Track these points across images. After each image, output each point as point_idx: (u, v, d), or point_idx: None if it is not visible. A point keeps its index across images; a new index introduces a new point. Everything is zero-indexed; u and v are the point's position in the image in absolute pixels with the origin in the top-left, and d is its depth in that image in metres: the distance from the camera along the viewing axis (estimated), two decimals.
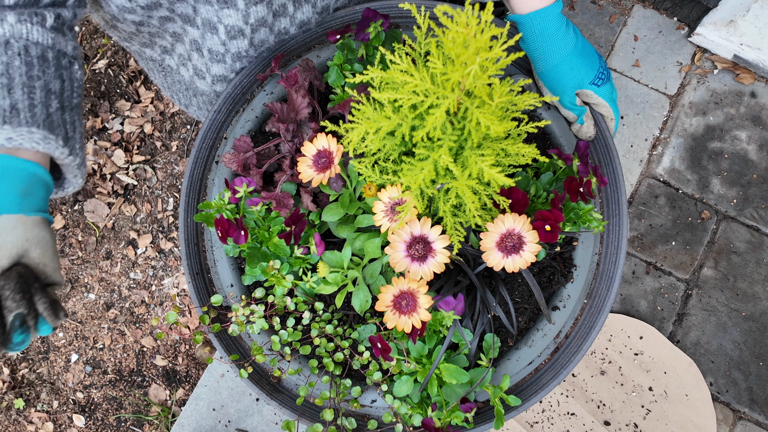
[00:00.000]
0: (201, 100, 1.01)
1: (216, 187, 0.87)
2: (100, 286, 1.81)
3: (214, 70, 0.88)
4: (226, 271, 0.84)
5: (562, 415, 1.46)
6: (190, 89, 0.99)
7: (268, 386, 0.81)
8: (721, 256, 1.57)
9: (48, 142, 0.61)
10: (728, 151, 1.63)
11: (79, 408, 1.72)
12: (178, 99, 1.07)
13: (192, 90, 0.98)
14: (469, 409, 0.71)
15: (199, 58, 0.87)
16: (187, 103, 1.06)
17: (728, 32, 1.62)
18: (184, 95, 1.03)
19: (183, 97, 1.05)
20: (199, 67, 0.89)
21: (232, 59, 0.86)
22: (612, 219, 0.82)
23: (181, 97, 1.05)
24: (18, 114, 0.60)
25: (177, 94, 1.05)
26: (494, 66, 0.54)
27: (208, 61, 0.86)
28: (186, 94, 1.02)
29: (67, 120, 0.66)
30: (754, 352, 1.51)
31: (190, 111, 1.09)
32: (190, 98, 1.02)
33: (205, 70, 0.89)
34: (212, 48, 0.83)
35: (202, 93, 0.97)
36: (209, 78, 0.91)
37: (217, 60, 0.86)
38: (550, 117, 0.86)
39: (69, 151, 0.65)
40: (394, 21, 0.89)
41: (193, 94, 1.00)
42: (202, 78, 0.92)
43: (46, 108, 0.63)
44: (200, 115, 1.09)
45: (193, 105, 1.05)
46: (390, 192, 0.69)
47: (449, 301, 0.74)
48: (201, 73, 0.91)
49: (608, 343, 1.50)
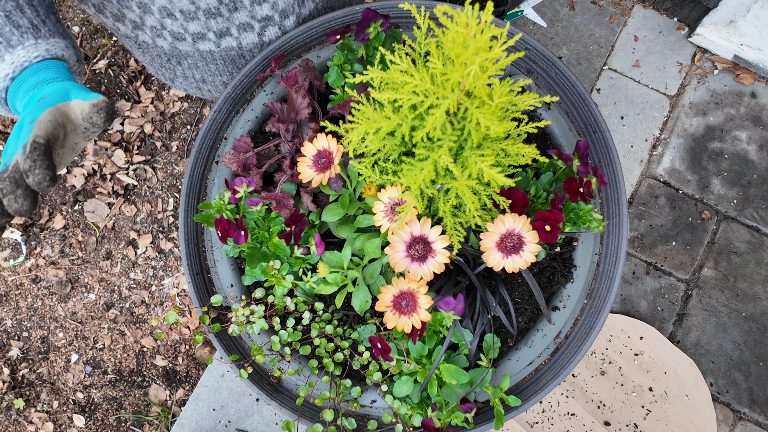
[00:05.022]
0: (186, 65, 0.99)
1: (216, 187, 0.87)
2: (100, 286, 1.81)
3: (192, 28, 0.87)
4: (226, 271, 0.84)
5: (562, 415, 1.45)
6: (173, 57, 0.97)
7: (268, 386, 0.81)
8: (722, 256, 1.57)
9: (68, 49, 0.72)
10: (728, 152, 1.63)
11: (79, 408, 1.72)
12: (162, 74, 1.06)
13: (175, 57, 0.97)
14: (469, 409, 0.71)
15: (173, 22, 0.86)
16: (172, 77, 1.05)
17: (728, 32, 1.62)
18: (167, 68, 1.02)
19: (167, 71, 1.03)
20: (176, 30, 0.88)
21: (204, 16, 0.84)
22: (612, 219, 0.82)
23: (165, 72, 1.04)
24: (37, 29, 0.69)
25: (159, 69, 1.04)
26: (494, 66, 0.54)
27: (183, 22, 0.85)
28: (169, 66, 1.01)
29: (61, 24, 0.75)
30: (755, 352, 1.51)
31: (176, 84, 1.08)
32: (174, 68, 1.01)
33: (183, 31, 0.88)
34: (183, 8, 0.83)
35: (186, 55, 0.96)
36: (189, 38, 0.90)
37: (191, 18, 0.85)
38: (550, 117, 0.86)
39: (76, 53, 0.75)
40: (394, 21, 0.89)
41: (177, 62, 0.98)
42: (182, 40, 0.91)
43: (52, 20, 0.72)
44: (186, 87, 1.08)
45: (178, 77, 1.04)
46: (390, 192, 0.69)
47: (449, 302, 0.74)
48: (179, 35, 0.89)
49: (608, 343, 1.50)
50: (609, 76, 1.70)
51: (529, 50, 0.86)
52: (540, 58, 0.86)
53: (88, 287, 1.81)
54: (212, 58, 0.95)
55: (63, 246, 1.83)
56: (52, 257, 1.83)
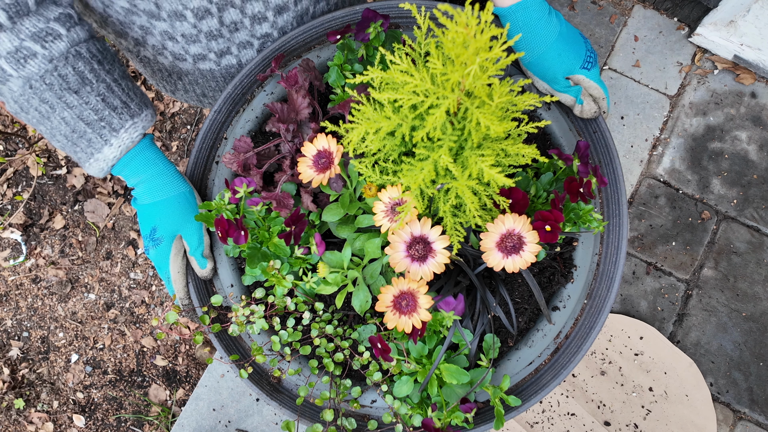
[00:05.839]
0: (186, 81, 1.00)
1: (216, 187, 0.87)
2: (100, 286, 1.81)
3: (193, 50, 0.88)
4: (226, 271, 0.84)
5: (563, 415, 1.45)
6: (174, 73, 0.98)
7: (268, 386, 0.81)
8: (722, 256, 1.57)
9: (152, 117, 0.78)
10: (728, 152, 1.63)
11: (79, 408, 1.72)
12: (163, 87, 1.07)
13: (176, 73, 0.98)
14: (469, 409, 0.71)
15: (174, 45, 0.87)
16: (173, 89, 1.06)
17: (728, 32, 1.62)
18: (168, 82, 1.03)
19: (168, 84, 1.05)
20: (177, 51, 0.89)
21: (206, 38, 0.85)
22: (612, 219, 0.82)
23: (166, 84, 1.05)
24: (128, 106, 0.75)
25: (160, 82, 1.05)
26: (494, 66, 0.54)
27: (185, 44, 0.87)
28: (170, 80, 1.02)
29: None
30: (755, 352, 1.51)
31: (177, 96, 1.09)
32: (175, 82, 1.02)
33: (184, 53, 0.89)
34: (185, 33, 0.83)
35: (187, 73, 0.97)
36: (190, 58, 0.91)
37: (193, 41, 0.86)
38: (550, 117, 0.86)
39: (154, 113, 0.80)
40: (394, 21, 0.89)
41: (177, 77, 1.00)
42: (183, 60, 0.92)
43: (135, 90, 0.77)
44: (187, 99, 1.09)
45: (179, 90, 1.05)
46: (390, 192, 0.69)
47: (449, 302, 0.74)
48: (180, 56, 0.91)
49: (608, 343, 1.50)
50: (609, 76, 1.70)
51: None
52: None
53: (88, 287, 1.81)
54: (212, 75, 0.96)
55: (63, 246, 1.83)
56: (52, 257, 1.83)
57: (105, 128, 0.73)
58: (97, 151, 0.74)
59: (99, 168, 0.76)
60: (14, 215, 1.83)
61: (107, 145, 0.74)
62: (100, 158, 0.75)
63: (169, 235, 0.79)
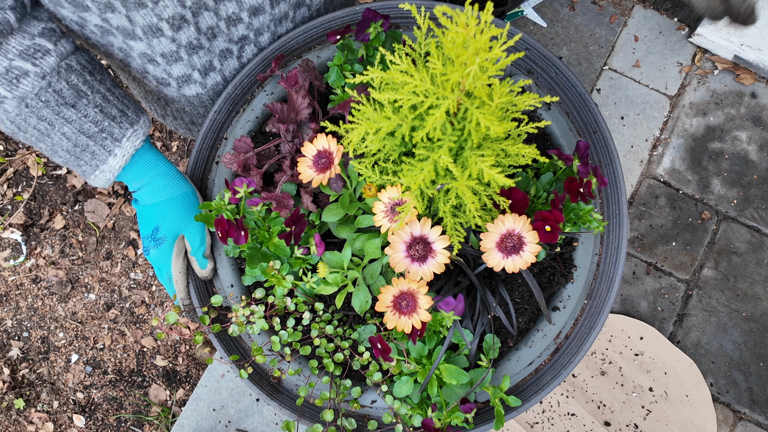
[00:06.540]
0: (174, 108, 0.97)
1: (216, 187, 0.87)
2: (100, 287, 1.81)
3: (176, 71, 0.84)
4: (226, 272, 0.84)
5: (563, 415, 1.45)
6: (161, 98, 0.95)
7: (268, 387, 0.81)
8: (722, 256, 1.57)
9: (149, 123, 0.78)
10: (728, 152, 1.63)
11: (79, 408, 1.72)
12: (154, 110, 1.04)
13: (163, 99, 0.95)
14: (469, 409, 0.71)
15: (156, 68, 0.83)
16: (163, 114, 1.03)
17: (728, 33, 1.62)
18: (159, 106, 1.00)
19: (159, 108, 1.02)
20: (160, 76, 0.85)
21: (186, 53, 0.81)
22: (612, 219, 0.82)
23: (157, 108, 1.02)
24: (126, 114, 0.75)
25: (152, 105, 1.02)
26: (494, 66, 0.54)
27: (166, 66, 0.83)
28: (159, 104, 0.99)
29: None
30: (755, 352, 1.51)
31: (167, 122, 1.06)
32: (164, 107, 0.99)
33: (167, 76, 0.85)
34: (164, 51, 0.79)
35: (172, 100, 0.93)
36: (174, 83, 0.87)
37: (174, 60, 0.81)
38: (550, 117, 0.86)
39: (150, 120, 0.80)
40: (394, 21, 0.89)
41: (165, 103, 0.97)
42: (166, 85, 0.88)
43: (128, 98, 0.77)
44: (177, 127, 1.05)
45: (168, 115, 1.02)
46: (390, 192, 0.69)
47: (449, 302, 0.74)
48: (164, 80, 0.86)
49: (608, 343, 1.50)
50: (609, 76, 1.70)
51: (529, 50, 0.86)
52: (540, 59, 0.86)
53: (89, 287, 1.81)
54: (200, 101, 0.93)
55: (63, 246, 1.83)
56: (52, 257, 1.83)
57: (107, 139, 0.73)
58: (102, 163, 0.74)
59: (105, 179, 0.76)
60: (14, 215, 1.83)
61: (111, 156, 0.74)
62: (106, 169, 0.75)
63: (171, 234, 0.79)
